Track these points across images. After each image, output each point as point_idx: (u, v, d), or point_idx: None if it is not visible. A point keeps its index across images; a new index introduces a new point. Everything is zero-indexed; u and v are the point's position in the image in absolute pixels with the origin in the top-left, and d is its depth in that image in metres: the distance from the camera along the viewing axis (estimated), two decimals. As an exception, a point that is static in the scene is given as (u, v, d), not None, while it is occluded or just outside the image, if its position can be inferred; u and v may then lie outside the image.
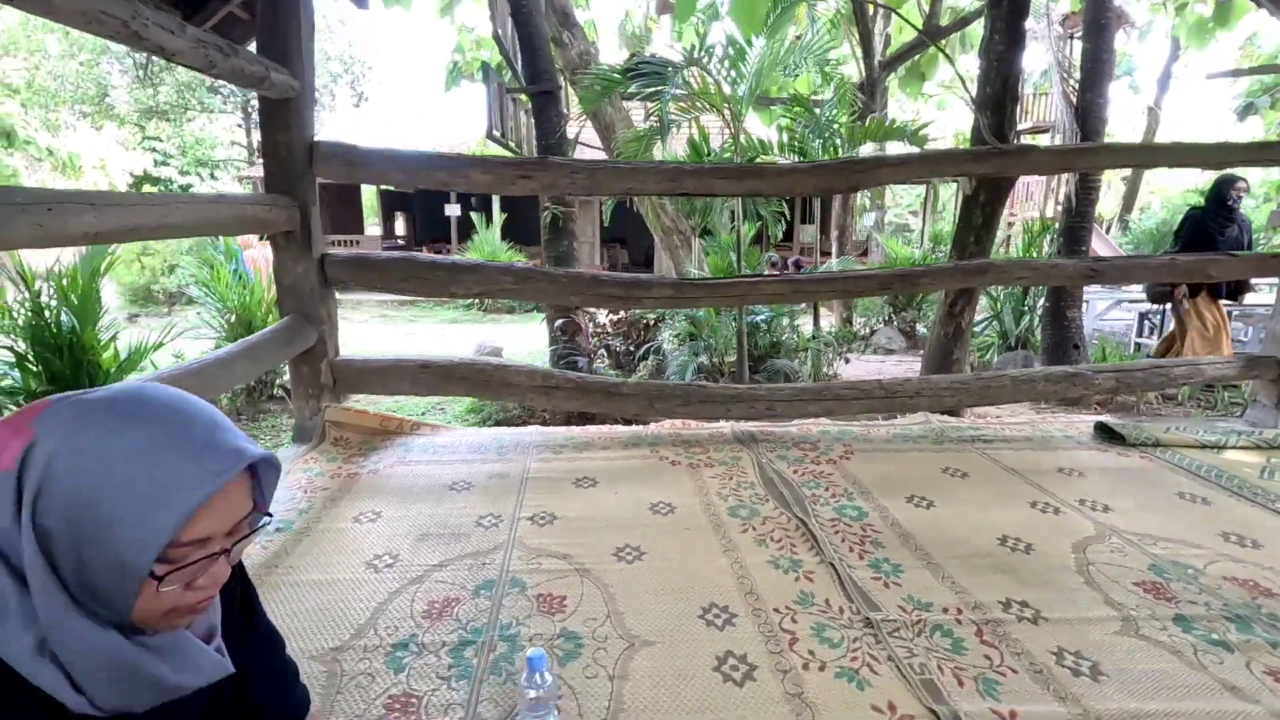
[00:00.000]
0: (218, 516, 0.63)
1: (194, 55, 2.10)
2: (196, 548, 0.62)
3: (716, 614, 1.79)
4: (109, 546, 0.58)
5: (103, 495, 0.57)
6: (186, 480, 0.59)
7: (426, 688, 1.50)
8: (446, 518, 2.36)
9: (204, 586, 0.65)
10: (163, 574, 0.60)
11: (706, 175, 2.97)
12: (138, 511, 0.58)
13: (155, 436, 0.60)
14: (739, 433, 3.27)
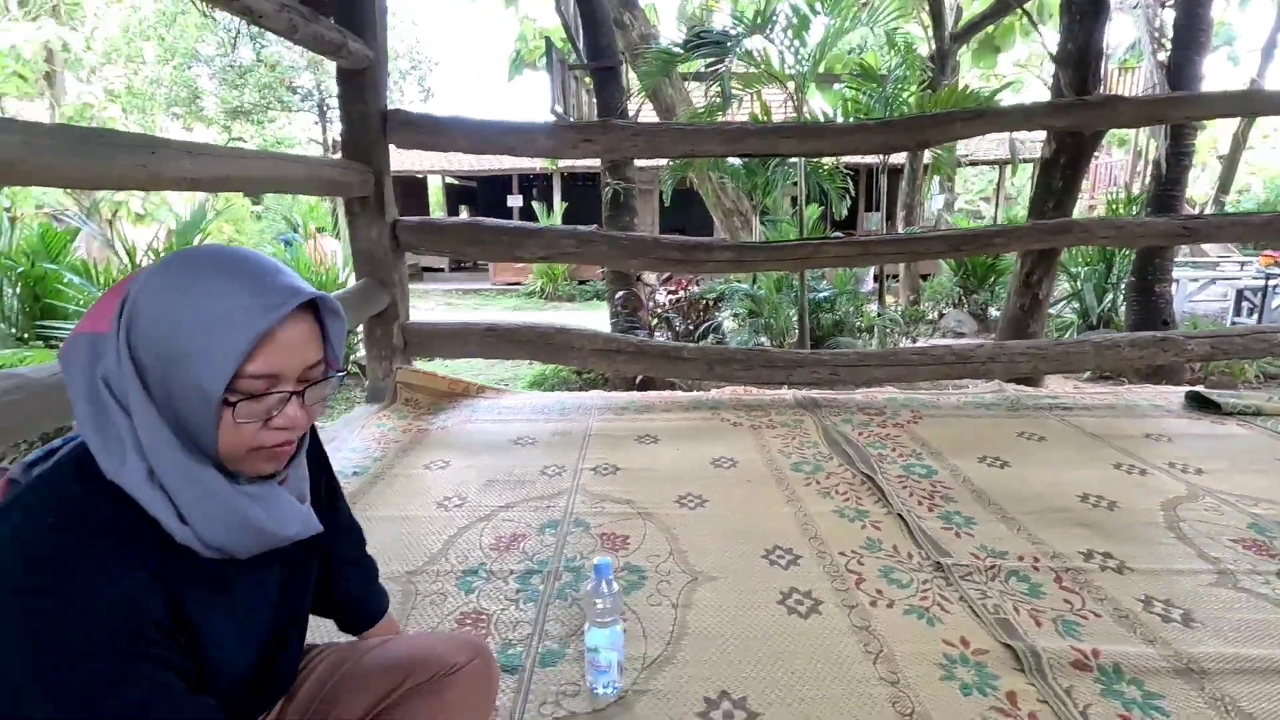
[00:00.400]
0: (282, 353, 0.65)
1: (278, 19, 2.21)
2: (266, 382, 0.65)
3: (780, 555, 1.77)
4: (187, 374, 0.62)
5: (178, 327, 0.61)
6: (248, 312, 0.62)
7: (496, 607, 1.55)
8: (512, 467, 2.42)
9: (282, 427, 0.67)
10: (235, 400, 0.63)
11: (770, 135, 2.94)
12: (206, 340, 0.61)
13: (222, 275, 0.64)
14: (801, 398, 3.22)
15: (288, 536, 0.72)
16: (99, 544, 0.60)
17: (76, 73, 14.90)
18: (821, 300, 6.02)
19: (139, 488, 0.63)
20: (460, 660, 0.91)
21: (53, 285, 4.38)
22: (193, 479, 0.64)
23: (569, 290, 13.01)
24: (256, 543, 0.70)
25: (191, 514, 0.64)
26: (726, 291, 6.03)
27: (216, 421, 0.64)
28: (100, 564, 0.59)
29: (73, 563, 0.58)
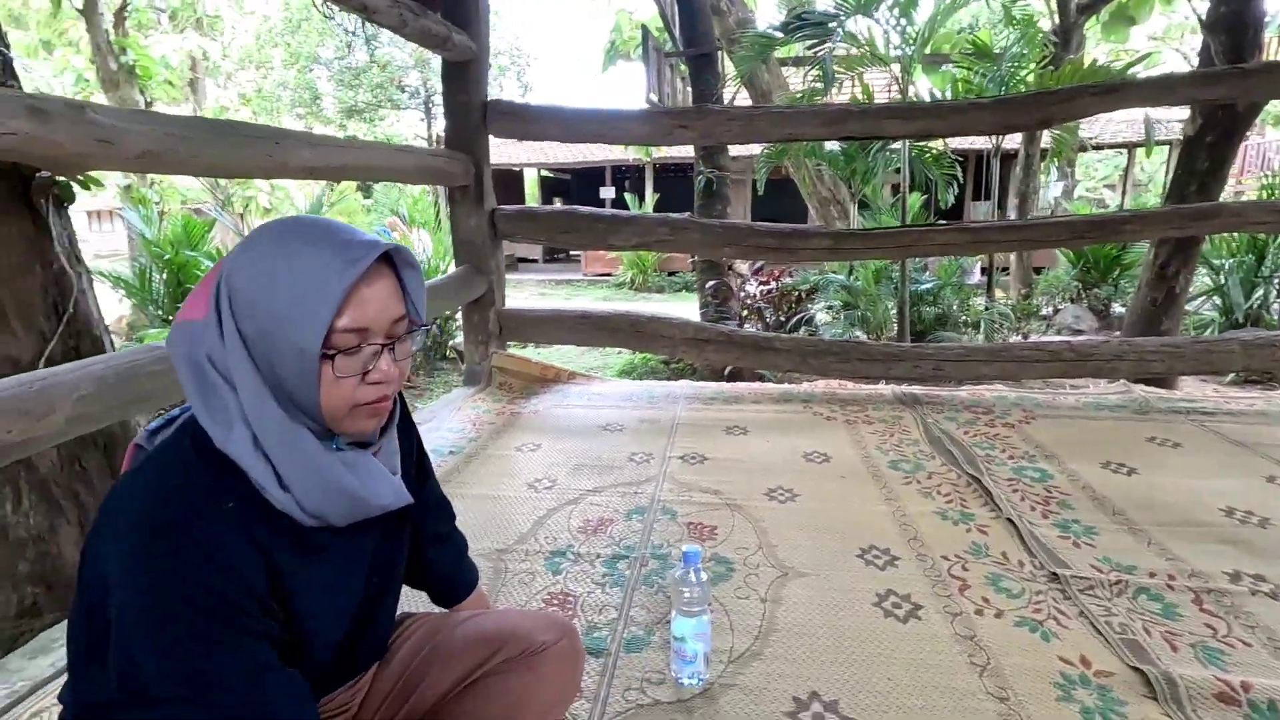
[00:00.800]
0: (368, 306, 0.67)
1: (389, 14, 2.31)
2: (357, 336, 0.67)
3: (876, 555, 1.69)
4: (286, 337, 0.64)
5: (273, 293, 0.64)
6: (333, 269, 0.65)
7: (582, 590, 1.56)
8: (600, 452, 2.43)
9: (378, 381, 0.69)
10: (333, 353, 0.65)
11: (874, 116, 2.79)
12: (299, 301, 0.64)
13: (305, 240, 0.67)
14: (901, 394, 3.07)
15: (381, 505, 0.74)
16: (210, 515, 0.64)
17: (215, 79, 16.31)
18: (923, 292, 5.73)
19: (244, 455, 0.66)
20: (548, 639, 0.91)
21: (193, 271, 4.82)
22: (294, 445, 0.67)
23: (658, 281, 13.04)
24: (351, 510, 0.72)
25: (292, 480, 0.67)
26: (821, 283, 5.84)
27: (318, 380, 0.66)
28: (211, 535, 0.63)
29: (186, 533, 0.62)
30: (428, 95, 16.34)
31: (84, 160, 1.29)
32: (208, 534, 0.63)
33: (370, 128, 18.01)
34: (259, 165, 1.75)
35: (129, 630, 0.60)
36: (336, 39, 16.09)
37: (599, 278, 14.32)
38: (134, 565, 0.60)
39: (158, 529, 0.62)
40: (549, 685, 0.90)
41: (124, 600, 0.60)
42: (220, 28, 15.20)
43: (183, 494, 0.64)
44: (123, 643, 0.60)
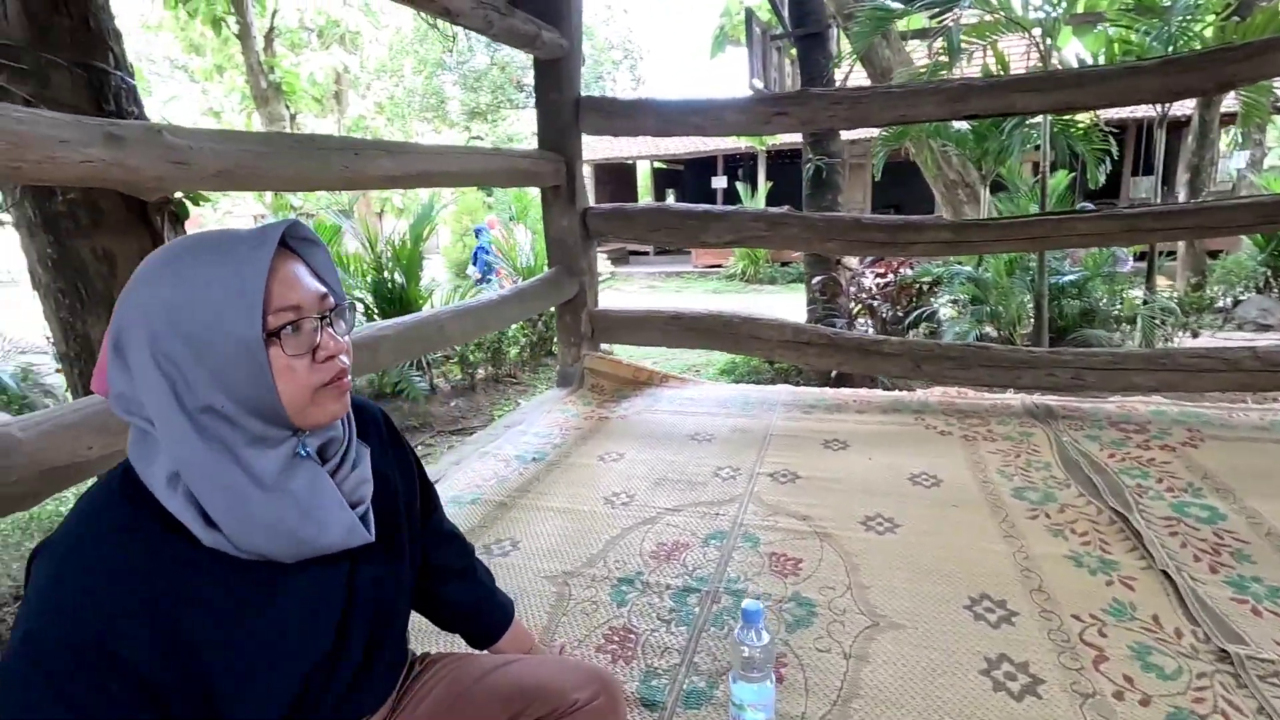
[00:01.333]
0: (291, 284, 0.65)
1: (474, 16, 2.28)
2: (293, 313, 0.64)
3: (989, 607, 1.45)
4: (224, 335, 0.61)
5: (193, 303, 0.61)
6: (246, 255, 0.63)
7: (646, 626, 1.45)
8: (685, 465, 2.31)
9: (329, 357, 0.66)
10: (276, 330, 0.63)
11: (1003, 90, 2.45)
12: (224, 296, 0.61)
13: (199, 249, 0.64)
14: (1032, 406, 2.70)
15: (327, 545, 0.67)
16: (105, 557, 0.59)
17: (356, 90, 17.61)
18: (1065, 285, 5.09)
19: (160, 489, 0.61)
20: (581, 698, 0.82)
21: (320, 273, 5.16)
22: (222, 484, 0.62)
23: (770, 273, 12.64)
24: (294, 548, 0.65)
25: (222, 520, 0.62)
26: (945, 275, 5.35)
27: (270, 370, 0.63)
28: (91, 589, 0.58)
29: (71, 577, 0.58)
30: (544, 93, 16.82)
31: (160, 183, 1.33)
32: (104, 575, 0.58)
33: (492, 128, 18.77)
34: (337, 178, 1.76)
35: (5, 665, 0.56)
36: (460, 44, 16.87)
37: (709, 269, 14.11)
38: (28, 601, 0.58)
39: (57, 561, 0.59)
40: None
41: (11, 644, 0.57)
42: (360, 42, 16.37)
43: (91, 532, 0.61)
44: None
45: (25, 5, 1.77)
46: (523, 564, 1.72)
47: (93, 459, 1.23)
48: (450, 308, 2.44)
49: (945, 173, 6.51)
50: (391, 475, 0.82)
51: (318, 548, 0.66)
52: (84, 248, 1.88)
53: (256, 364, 0.62)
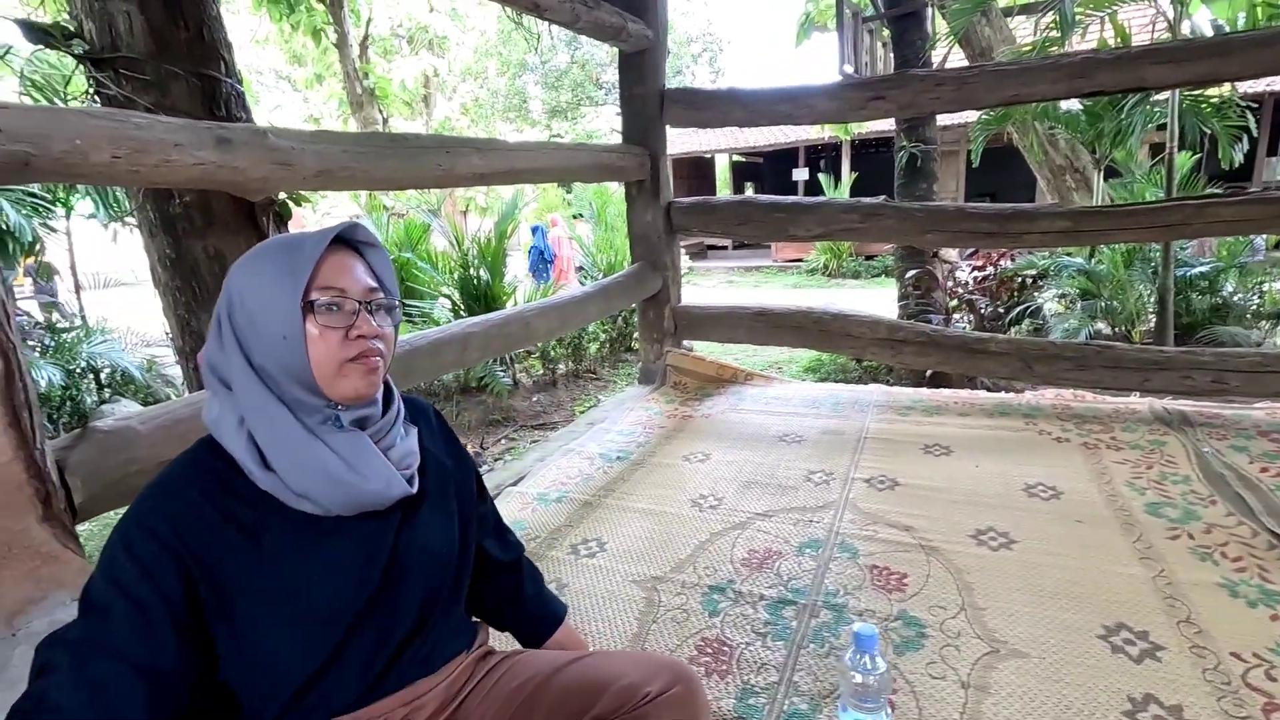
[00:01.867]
0: (339, 272, 0.76)
1: (561, 10, 2.26)
2: (335, 294, 0.75)
3: (1128, 639, 1.29)
4: (273, 308, 0.73)
5: (258, 283, 0.74)
6: (300, 249, 0.75)
7: (740, 639, 1.38)
8: (774, 468, 2.21)
9: (363, 335, 0.75)
10: (313, 302, 0.73)
11: (1132, 63, 2.21)
12: (278, 279, 0.74)
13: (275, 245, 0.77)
14: (1162, 411, 2.44)
15: (371, 491, 0.75)
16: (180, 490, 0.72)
17: (443, 93, 18.24)
18: (1194, 276, 4.63)
19: (228, 436, 0.73)
20: (653, 690, 0.79)
21: (411, 270, 5.34)
22: (275, 423, 0.73)
23: (854, 267, 12.21)
24: (342, 495, 0.74)
25: (275, 459, 0.72)
26: (1051, 267, 4.97)
27: (304, 340, 0.73)
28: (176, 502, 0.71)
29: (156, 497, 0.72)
30: (623, 90, 16.90)
31: (265, 184, 1.36)
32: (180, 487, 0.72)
33: (571, 125, 19.01)
34: (430, 176, 1.77)
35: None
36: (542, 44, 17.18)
37: (789, 264, 13.77)
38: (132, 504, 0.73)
39: (143, 491, 0.73)
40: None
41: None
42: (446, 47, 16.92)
43: (173, 467, 0.74)
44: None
45: (148, 20, 1.88)
46: (610, 566, 1.69)
47: (204, 452, 1.27)
48: (536, 304, 2.44)
49: (1052, 157, 6.05)
50: (441, 456, 0.89)
51: (361, 494, 0.75)
52: (197, 247, 1.98)
53: (294, 331, 0.73)
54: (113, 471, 1.15)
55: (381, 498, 0.77)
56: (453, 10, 15.85)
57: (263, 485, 0.73)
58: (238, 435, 0.73)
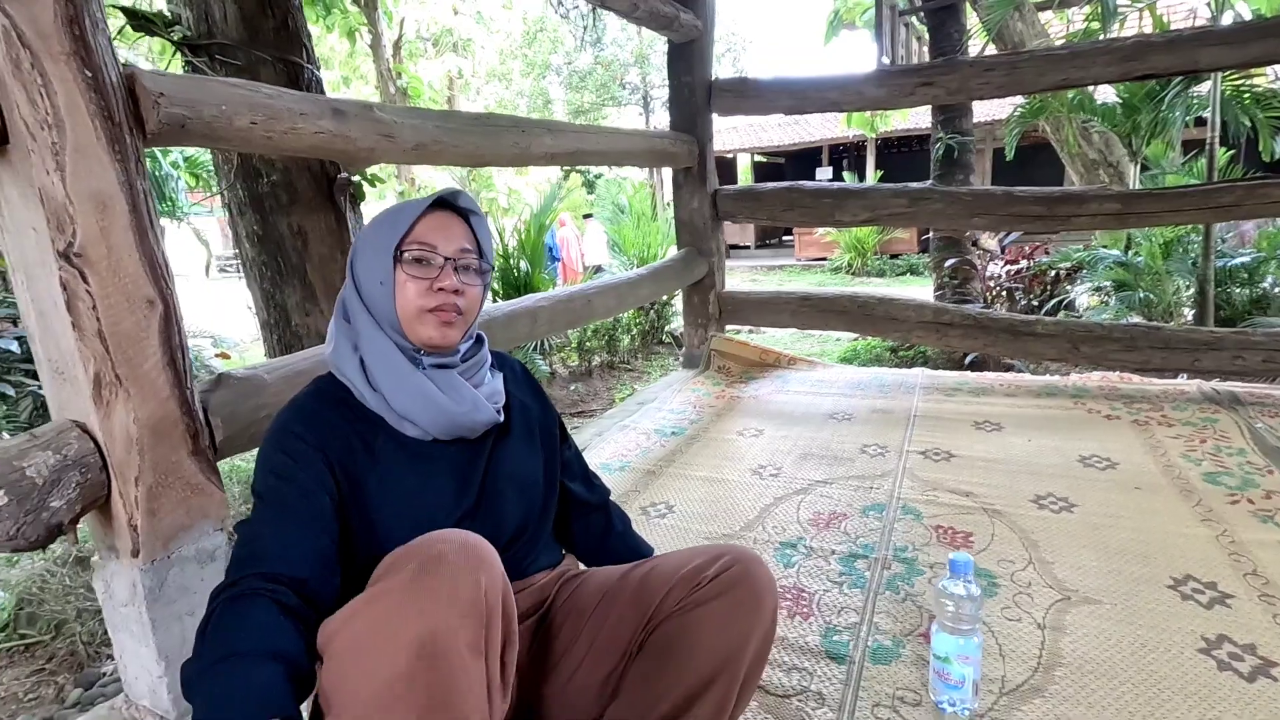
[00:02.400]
0: (434, 229, 0.86)
1: (621, 0, 2.34)
2: (425, 249, 0.85)
3: (1196, 588, 1.34)
4: (375, 252, 0.86)
5: (371, 235, 0.88)
6: (406, 208, 0.88)
7: (818, 586, 1.44)
8: (828, 442, 2.27)
9: (443, 286, 0.85)
10: (403, 254, 0.84)
11: (1187, 45, 2.24)
12: (383, 229, 0.86)
13: (394, 205, 0.89)
14: (1212, 391, 2.47)
15: (463, 413, 0.87)
16: (314, 410, 0.86)
17: (466, 94, 18.47)
18: (1234, 269, 4.60)
19: (342, 360, 0.87)
20: (711, 571, 0.84)
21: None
22: (383, 352, 0.85)
23: (878, 265, 12.18)
24: (437, 416, 0.85)
25: (379, 381, 0.85)
26: (1088, 259, 4.97)
27: (394, 283, 0.84)
28: (310, 420, 0.84)
29: (293, 416, 0.85)
30: (646, 90, 16.95)
31: (371, 153, 1.45)
32: (308, 412, 0.85)
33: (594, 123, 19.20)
34: (508, 152, 1.86)
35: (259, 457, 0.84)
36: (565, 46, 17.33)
37: (813, 262, 13.77)
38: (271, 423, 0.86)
39: (280, 414, 0.87)
40: (719, 622, 0.81)
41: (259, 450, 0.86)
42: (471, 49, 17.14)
43: (300, 397, 0.88)
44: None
45: (240, 9, 1.98)
46: (681, 525, 1.76)
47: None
48: (595, 284, 2.52)
49: (1085, 152, 6.04)
50: (527, 400, 1.01)
51: (455, 417, 0.86)
52: (282, 224, 2.09)
53: (386, 274, 0.85)
54: (245, 415, 1.24)
55: (473, 421, 0.88)
56: (478, 14, 16.06)
57: (370, 405, 0.86)
58: (351, 359, 0.86)
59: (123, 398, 1.04)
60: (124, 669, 1.18)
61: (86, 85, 0.97)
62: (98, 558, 1.16)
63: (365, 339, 0.86)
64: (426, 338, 0.86)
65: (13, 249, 1.02)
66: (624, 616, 0.87)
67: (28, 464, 0.97)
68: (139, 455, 1.06)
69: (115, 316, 1.02)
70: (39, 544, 1.00)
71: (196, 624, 1.14)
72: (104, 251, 1.00)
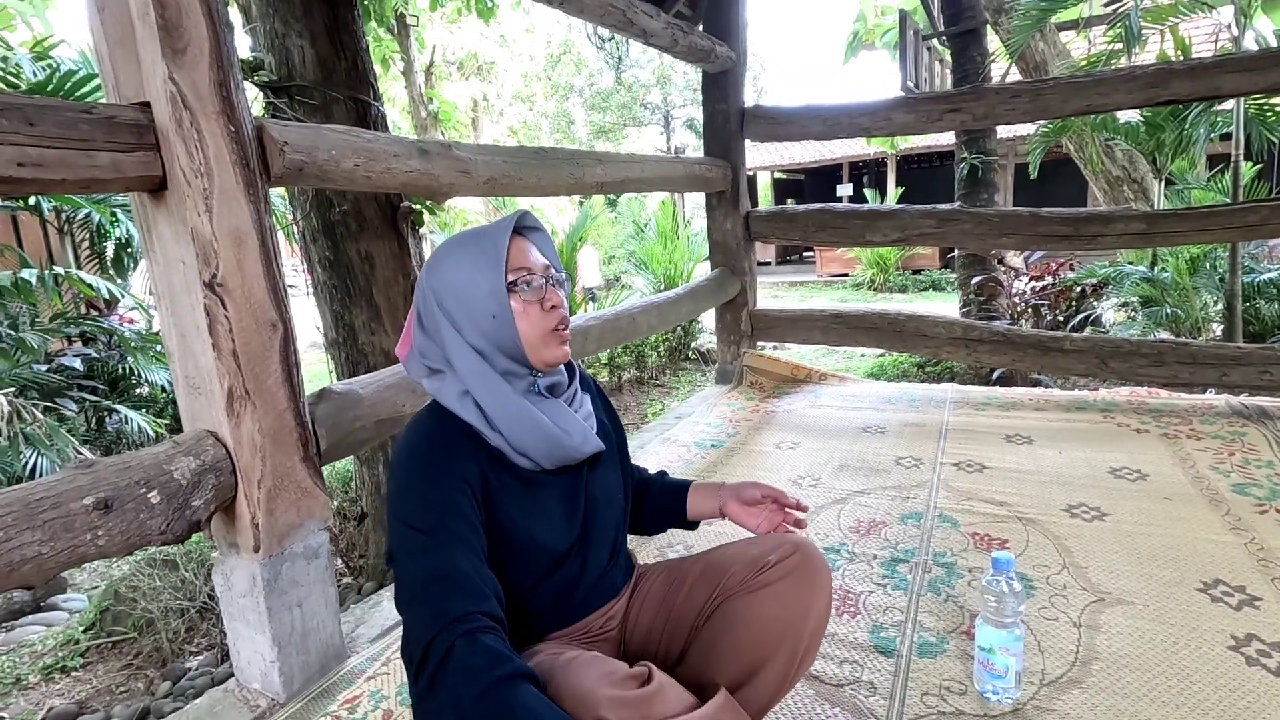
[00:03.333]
0: (524, 254, 0.89)
1: (664, 36, 2.49)
2: (525, 273, 0.87)
3: (1225, 591, 1.42)
4: (480, 290, 0.86)
5: (461, 271, 0.88)
6: (491, 238, 0.88)
7: (863, 588, 1.54)
8: (863, 454, 2.37)
9: (554, 306, 0.89)
10: (514, 280, 0.86)
11: (1208, 73, 2.34)
12: (478, 264, 0.87)
13: (463, 238, 0.91)
14: (1240, 406, 2.53)
15: (574, 446, 0.91)
16: (440, 439, 0.87)
17: (490, 116, 18.88)
18: (1262, 284, 4.62)
19: (456, 405, 0.87)
20: (773, 558, 0.94)
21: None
22: (495, 390, 0.87)
23: (901, 281, 12.21)
24: (550, 448, 0.89)
25: (498, 420, 0.86)
26: (1114, 276, 5.01)
27: (511, 314, 0.86)
28: (438, 451, 0.86)
29: (424, 450, 0.86)
30: (667, 110, 17.23)
31: (451, 188, 1.59)
32: (434, 452, 0.85)
33: (615, 145, 19.47)
34: (565, 183, 2.00)
35: (392, 506, 0.83)
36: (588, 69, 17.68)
37: (835, 278, 13.83)
38: (397, 466, 0.86)
39: (413, 446, 0.86)
40: (783, 600, 0.91)
41: (391, 490, 0.85)
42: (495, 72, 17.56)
43: (423, 434, 0.88)
44: (394, 510, 0.83)
45: (317, 53, 2.16)
46: (728, 531, 1.85)
47: (405, 412, 1.50)
48: (639, 303, 2.65)
49: (1108, 169, 6.09)
50: (603, 417, 1.05)
51: (566, 449, 0.90)
52: (351, 250, 2.24)
53: (502, 307, 0.86)
54: (345, 425, 1.38)
55: (580, 452, 0.92)
56: (501, 38, 16.46)
57: (493, 443, 0.87)
58: (463, 405, 0.87)
59: (250, 409, 1.18)
60: (236, 655, 1.31)
61: (230, 138, 1.12)
62: (218, 554, 1.30)
63: (476, 384, 0.86)
64: (552, 358, 0.89)
65: (161, 279, 1.16)
66: (691, 595, 0.98)
67: (174, 468, 1.11)
68: (262, 461, 1.20)
69: (246, 337, 1.16)
70: (181, 538, 1.14)
71: (304, 613, 1.27)
72: (239, 281, 1.15)
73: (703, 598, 0.96)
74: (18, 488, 0.98)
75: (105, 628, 2.20)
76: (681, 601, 0.98)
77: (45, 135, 0.95)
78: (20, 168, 0.92)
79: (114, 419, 4.72)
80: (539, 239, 0.93)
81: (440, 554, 0.78)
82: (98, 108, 1.02)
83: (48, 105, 0.96)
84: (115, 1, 1.04)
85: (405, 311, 2.32)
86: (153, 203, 1.12)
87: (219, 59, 1.09)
